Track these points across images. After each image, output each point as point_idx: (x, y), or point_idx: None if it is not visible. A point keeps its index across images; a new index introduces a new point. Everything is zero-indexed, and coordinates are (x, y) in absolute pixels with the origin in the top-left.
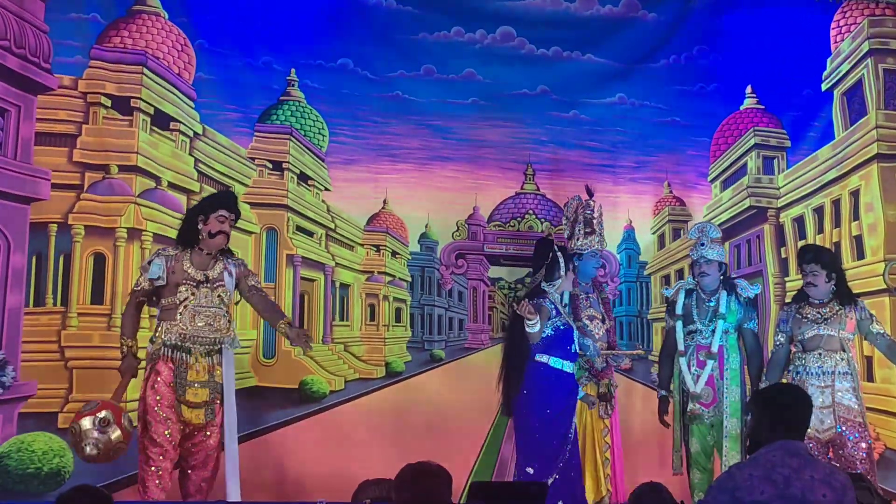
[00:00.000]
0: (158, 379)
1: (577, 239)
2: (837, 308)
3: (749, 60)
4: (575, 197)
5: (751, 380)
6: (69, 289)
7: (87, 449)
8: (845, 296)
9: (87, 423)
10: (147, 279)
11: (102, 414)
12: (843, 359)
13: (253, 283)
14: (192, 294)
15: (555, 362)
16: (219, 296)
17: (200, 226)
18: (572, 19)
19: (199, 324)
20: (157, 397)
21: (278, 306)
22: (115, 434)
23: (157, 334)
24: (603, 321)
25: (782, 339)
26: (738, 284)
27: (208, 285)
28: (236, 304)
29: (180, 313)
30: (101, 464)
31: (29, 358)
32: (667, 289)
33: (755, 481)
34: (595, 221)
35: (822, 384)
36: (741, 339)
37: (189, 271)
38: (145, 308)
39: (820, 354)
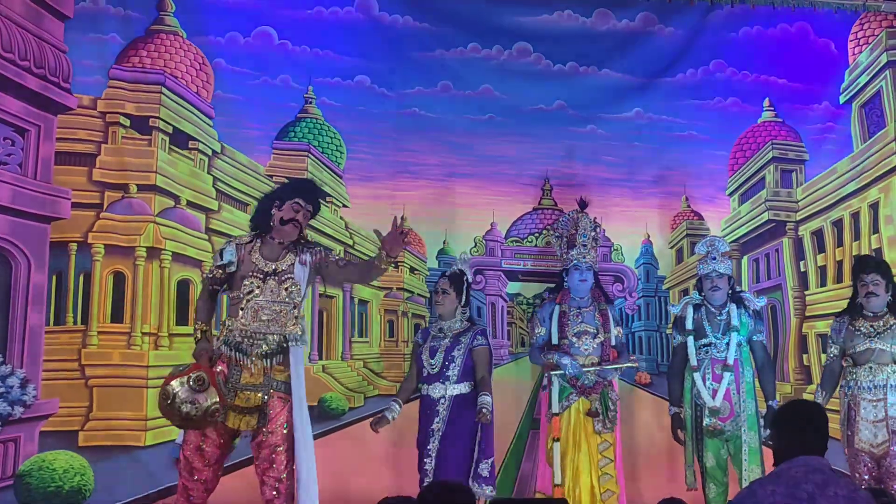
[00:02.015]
0: None
1: (563, 254)
2: (892, 322)
3: (766, 73)
4: (572, 211)
5: (764, 392)
6: (89, 307)
7: (185, 408)
8: None
9: (176, 384)
10: (217, 266)
11: (195, 374)
12: (894, 371)
13: (336, 258)
14: (258, 288)
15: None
16: (286, 289)
17: (274, 211)
18: (589, 34)
19: (264, 318)
20: None
21: (366, 261)
22: (213, 397)
23: (221, 330)
24: (595, 335)
25: (835, 352)
26: (745, 297)
27: (275, 278)
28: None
29: (242, 308)
30: (194, 429)
31: (50, 376)
32: (673, 305)
33: (778, 497)
34: (578, 235)
35: (875, 398)
36: (751, 351)
37: (257, 262)
38: None
39: (871, 368)
